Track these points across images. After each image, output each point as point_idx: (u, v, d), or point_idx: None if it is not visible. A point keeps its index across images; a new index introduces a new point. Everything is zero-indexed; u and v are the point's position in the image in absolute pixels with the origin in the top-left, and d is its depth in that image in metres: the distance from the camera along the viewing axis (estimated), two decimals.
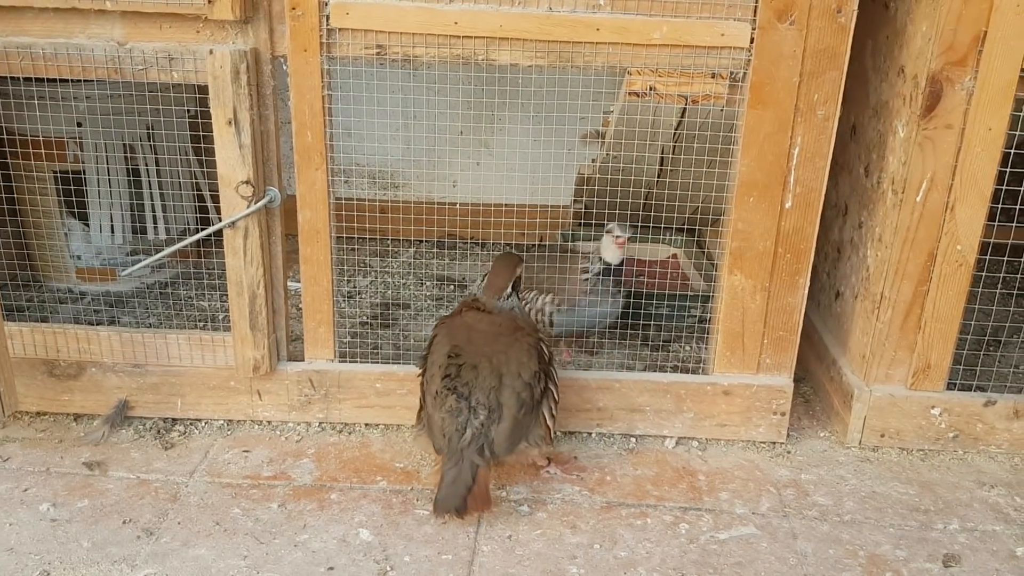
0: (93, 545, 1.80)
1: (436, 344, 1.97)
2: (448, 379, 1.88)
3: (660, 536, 1.88)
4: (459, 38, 1.87)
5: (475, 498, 1.81)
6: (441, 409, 1.86)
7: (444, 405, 1.85)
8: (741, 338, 2.08)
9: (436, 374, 1.90)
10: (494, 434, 1.84)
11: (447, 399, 1.86)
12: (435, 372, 1.91)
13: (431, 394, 1.90)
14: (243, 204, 1.95)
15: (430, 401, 1.90)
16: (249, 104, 1.87)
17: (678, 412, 2.14)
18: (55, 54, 1.87)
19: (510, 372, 1.88)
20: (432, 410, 1.89)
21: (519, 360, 1.90)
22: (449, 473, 1.82)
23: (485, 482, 1.83)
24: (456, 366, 1.89)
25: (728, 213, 2.01)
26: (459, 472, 1.82)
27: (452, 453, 1.83)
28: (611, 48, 1.88)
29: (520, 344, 1.92)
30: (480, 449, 1.83)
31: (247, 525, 1.87)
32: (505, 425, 1.84)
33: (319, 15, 1.85)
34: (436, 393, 1.88)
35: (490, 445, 1.83)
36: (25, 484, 1.97)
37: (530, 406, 1.88)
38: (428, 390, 1.92)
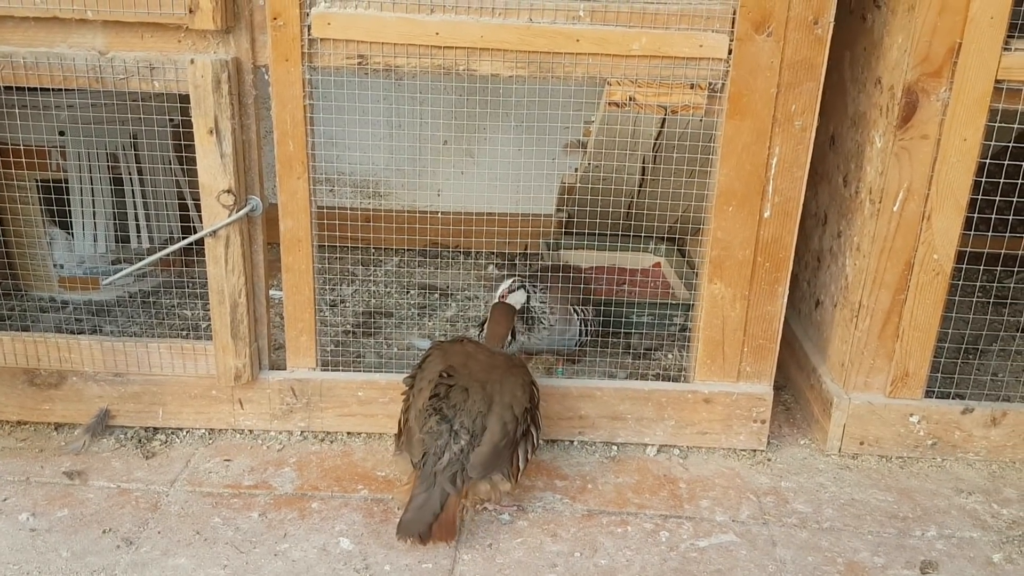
0: (72, 555, 1.79)
1: (429, 362, 1.94)
2: (436, 399, 1.85)
3: (640, 544, 1.89)
4: (440, 48, 1.88)
5: (441, 526, 1.78)
6: (422, 429, 1.83)
7: (426, 424, 1.83)
8: (721, 346, 2.10)
9: (425, 389, 1.87)
10: (472, 458, 1.80)
11: (430, 419, 1.83)
12: (424, 387, 1.88)
13: (416, 408, 1.87)
14: (224, 213, 1.95)
15: (413, 415, 1.87)
16: (231, 113, 1.88)
17: (659, 420, 2.15)
18: (36, 63, 1.87)
19: (502, 402, 1.86)
20: (414, 424, 1.86)
21: (513, 393, 1.88)
22: (419, 497, 1.79)
23: (453, 511, 1.79)
24: (446, 386, 1.86)
25: (708, 222, 2.03)
26: (428, 497, 1.78)
27: (425, 476, 1.79)
28: (591, 59, 1.89)
29: (516, 379, 1.91)
30: (453, 477, 1.79)
31: (227, 534, 1.87)
32: (484, 450, 1.81)
33: (300, 25, 1.85)
34: (421, 409, 1.85)
35: (464, 470, 1.80)
36: (4, 494, 1.96)
37: (511, 440, 1.85)
38: (414, 404, 1.88)
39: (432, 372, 1.90)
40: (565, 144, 2.65)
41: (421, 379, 1.92)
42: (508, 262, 3.13)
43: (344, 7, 1.86)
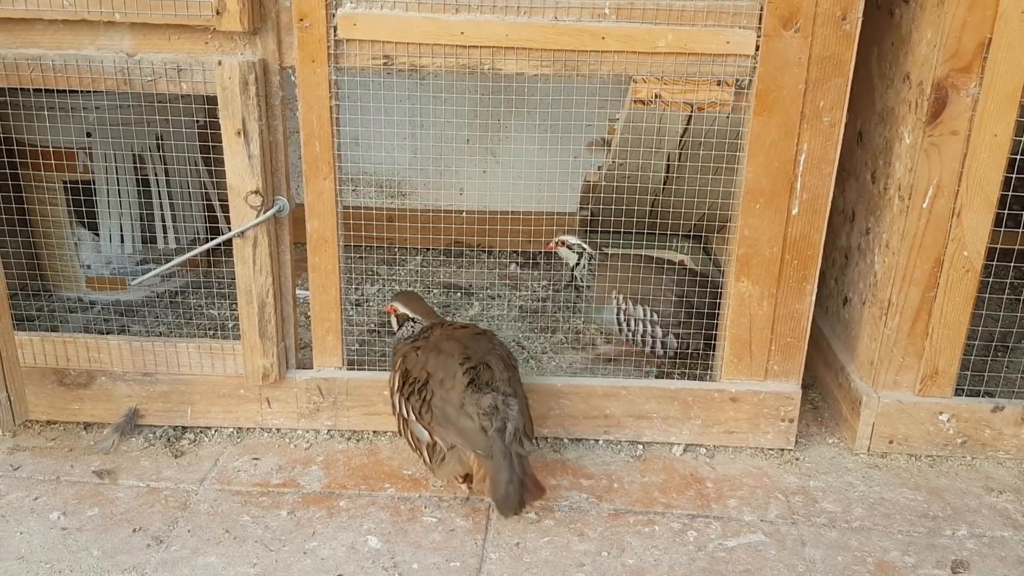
0: (103, 553, 1.81)
1: (430, 360, 1.94)
2: (475, 383, 1.89)
3: (668, 543, 1.88)
4: (465, 48, 1.88)
5: (529, 490, 1.83)
6: (477, 412, 1.85)
7: (480, 408, 1.85)
8: (748, 345, 2.08)
9: (457, 384, 1.88)
10: (523, 421, 1.88)
11: (482, 400, 1.86)
12: (453, 383, 1.89)
13: (453, 404, 1.87)
14: (252, 214, 1.96)
15: (452, 412, 1.87)
16: (258, 115, 1.89)
17: (685, 419, 2.14)
18: (64, 65, 1.89)
19: (508, 365, 1.96)
20: (456, 413, 1.86)
21: (502, 354, 1.99)
22: (503, 473, 1.81)
23: (531, 469, 1.85)
24: (472, 368, 1.91)
25: (734, 220, 2.01)
26: (511, 470, 1.81)
27: (502, 454, 1.82)
28: (616, 56, 1.88)
29: (490, 340, 2.02)
30: (520, 441, 1.85)
31: (256, 532, 1.88)
32: (524, 409, 1.90)
33: (327, 26, 1.86)
34: (461, 396, 1.86)
35: (523, 432, 1.87)
36: (35, 493, 1.98)
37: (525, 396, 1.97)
38: (448, 400, 1.88)
39: (447, 366, 1.91)
40: (589, 142, 2.64)
41: (438, 378, 1.90)
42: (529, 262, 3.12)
43: (370, 8, 1.86)
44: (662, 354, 2.34)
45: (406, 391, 1.94)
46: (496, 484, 1.81)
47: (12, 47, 1.90)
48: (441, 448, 1.90)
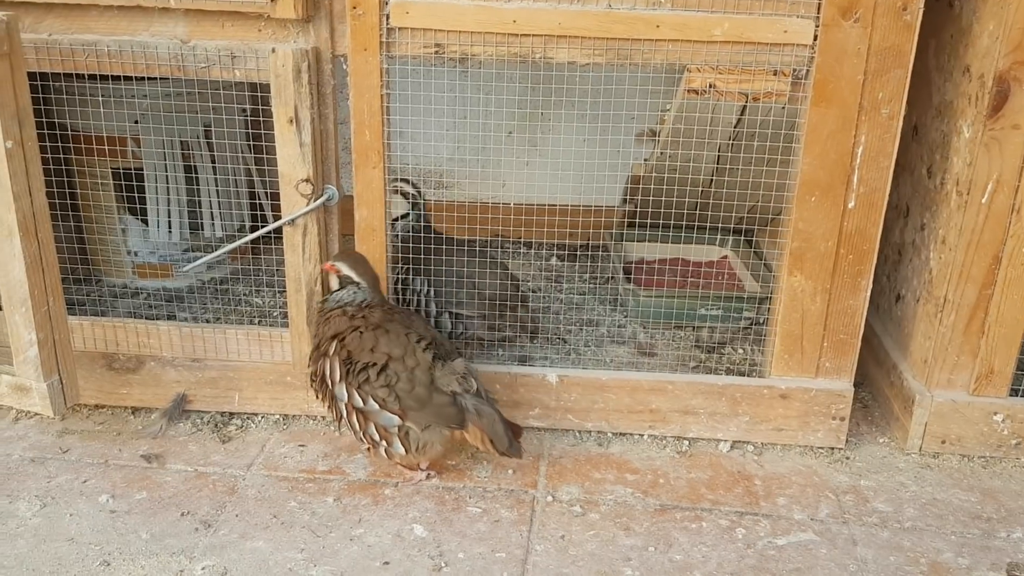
0: (152, 537, 1.82)
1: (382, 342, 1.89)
2: (438, 358, 1.90)
3: (716, 540, 1.85)
4: (517, 36, 1.87)
5: (517, 433, 1.95)
6: (454, 380, 1.88)
7: (456, 372, 1.89)
8: (800, 341, 2.05)
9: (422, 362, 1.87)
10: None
11: (455, 366, 1.90)
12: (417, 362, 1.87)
13: (423, 383, 1.86)
14: (303, 202, 1.97)
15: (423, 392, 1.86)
16: (310, 103, 1.89)
17: (733, 415, 2.11)
18: (119, 51, 1.90)
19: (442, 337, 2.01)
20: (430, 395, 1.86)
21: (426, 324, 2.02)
22: (497, 425, 1.89)
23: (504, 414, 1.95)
24: (430, 345, 1.91)
25: (788, 213, 1.98)
26: (503, 420, 1.90)
27: (489, 405, 1.90)
28: (671, 45, 1.86)
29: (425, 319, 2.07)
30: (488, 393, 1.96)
31: (304, 518, 1.88)
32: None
33: (379, 14, 1.85)
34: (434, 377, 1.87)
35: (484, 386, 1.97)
36: (84, 476, 2.00)
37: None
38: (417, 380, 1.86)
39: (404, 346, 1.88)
40: (639, 133, 2.61)
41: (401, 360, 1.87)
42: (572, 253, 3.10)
43: None
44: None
45: (355, 379, 1.87)
46: (499, 437, 1.89)
47: (68, 33, 1.92)
48: (414, 432, 1.88)
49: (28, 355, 1.81)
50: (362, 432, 1.92)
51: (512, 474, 2.04)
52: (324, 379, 1.93)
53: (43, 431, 2.14)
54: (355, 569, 1.75)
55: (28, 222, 1.73)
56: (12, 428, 2.15)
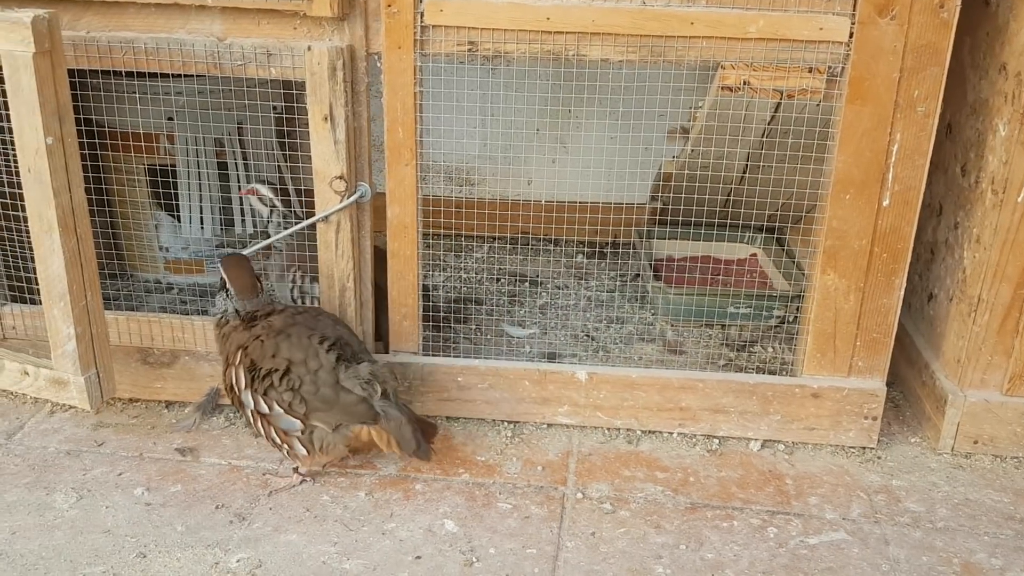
0: (187, 529, 1.84)
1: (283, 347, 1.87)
2: (343, 360, 1.88)
3: (748, 539, 1.85)
4: (550, 34, 1.87)
5: (428, 433, 1.95)
6: (359, 383, 1.86)
7: (360, 377, 1.87)
8: (833, 339, 2.04)
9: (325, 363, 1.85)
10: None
11: (360, 370, 1.88)
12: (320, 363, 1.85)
13: (328, 384, 1.85)
14: (336, 199, 1.98)
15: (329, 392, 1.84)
16: (344, 100, 1.90)
17: (764, 414, 2.11)
18: (156, 49, 1.92)
19: (358, 339, 2.02)
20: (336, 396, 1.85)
21: (349, 329, 2.02)
22: (405, 428, 1.88)
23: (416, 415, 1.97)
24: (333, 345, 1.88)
25: (822, 211, 1.97)
26: (412, 423, 1.89)
27: (397, 409, 1.89)
28: (705, 42, 1.86)
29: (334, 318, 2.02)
30: (396, 394, 1.93)
31: (336, 512, 1.90)
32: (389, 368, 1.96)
33: (414, 12, 1.86)
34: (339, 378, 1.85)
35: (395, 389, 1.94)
36: (120, 468, 2.02)
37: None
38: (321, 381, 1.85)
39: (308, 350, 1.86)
40: (669, 130, 2.61)
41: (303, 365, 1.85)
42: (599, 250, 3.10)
43: None
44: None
45: (260, 385, 1.86)
46: (405, 440, 1.88)
47: (105, 30, 1.94)
48: (322, 432, 1.88)
49: (66, 349, 1.84)
50: (266, 436, 1.91)
51: (541, 471, 2.05)
52: (232, 388, 1.93)
53: (78, 424, 2.17)
54: (388, 563, 1.76)
55: (67, 218, 1.75)
56: (48, 421, 2.18)
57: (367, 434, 1.88)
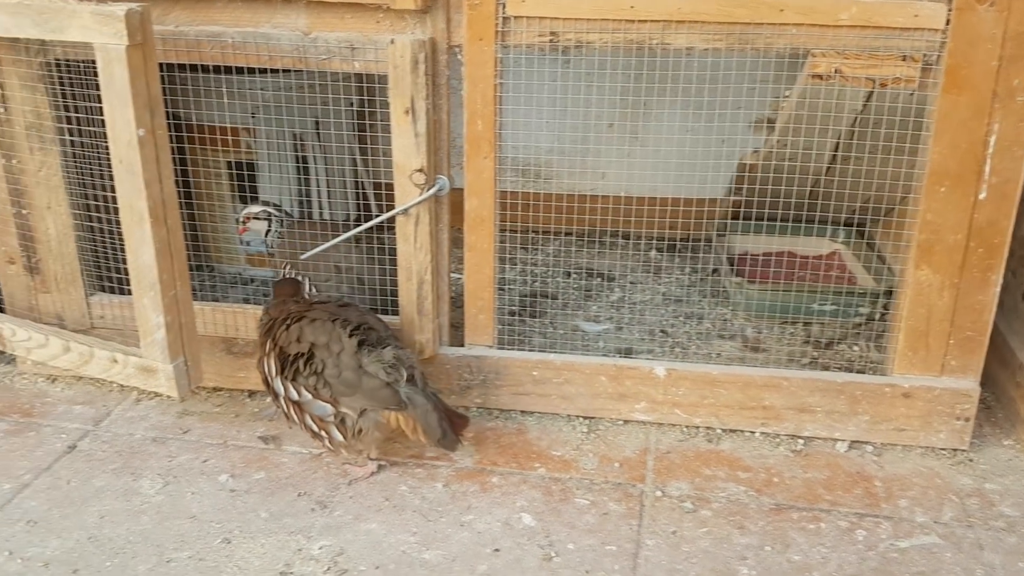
0: (270, 516, 1.87)
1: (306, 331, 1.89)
2: (367, 343, 1.88)
3: (836, 541, 1.80)
4: (634, 22, 1.84)
5: (455, 424, 1.93)
6: (382, 368, 1.85)
7: (384, 362, 1.86)
8: (925, 337, 1.97)
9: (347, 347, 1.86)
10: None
11: (383, 354, 1.87)
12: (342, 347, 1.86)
13: (350, 368, 1.85)
14: (416, 192, 1.99)
15: (351, 376, 1.85)
16: (425, 94, 1.90)
17: (852, 414, 2.04)
18: (243, 43, 1.95)
19: (384, 324, 2.01)
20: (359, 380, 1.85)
21: (376, 316, 2.03)
22: (431, 416, 1.87)
23: (447, 405, 1.96)
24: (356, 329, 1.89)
25: (916, 204, 1.90)
26: (439, 410, 1.89)
27: (424, 396, 1.88)
28: (795, 29, 1.80)
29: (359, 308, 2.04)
30: (426, 382, 1.94)
31: (414, 503, 1.91)
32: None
33: (496, 3, 1.85)
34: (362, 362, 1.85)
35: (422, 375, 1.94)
36: (204, 455, 2.07)
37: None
38: (344, 365, 1.85)
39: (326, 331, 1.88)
40: (752, 121, 2.55)
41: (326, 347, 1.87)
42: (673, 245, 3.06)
43: None
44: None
45: (289, 372, 1.88)
46: (430, 428, 1.87)
47: (193, 24, 1.98)
48: (351, 418, 1.87)
49: (155, 337, 1.88)
50: (301, 425, 1.92)
51: (619, 467, 2.03)
52: (266, 379, 1.95)
53: (164, 412, 2.23)
54: (466, 555, 1.76)
55: (158, 208, 1.79)
56: (134, 409, 2.24)
57: (395, 420, 1.89)
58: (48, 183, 2.11)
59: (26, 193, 2.14)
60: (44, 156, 2.08)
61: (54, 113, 2.05)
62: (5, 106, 2.05)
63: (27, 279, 2.23)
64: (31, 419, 2.19)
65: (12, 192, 2.14)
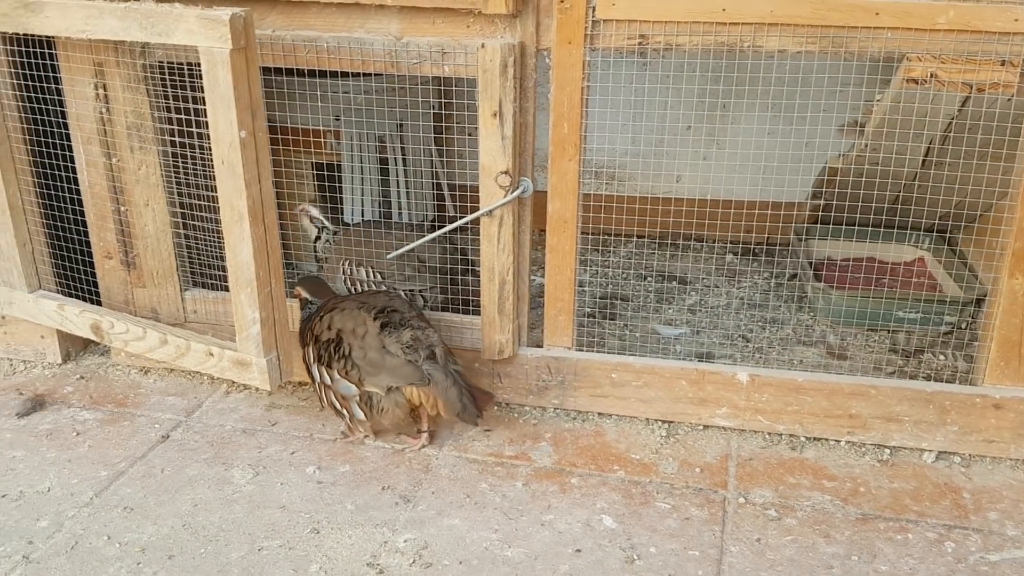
0: (356, 508, 1.92)
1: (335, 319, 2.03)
2: (389, 325, 1.99)
3: (924, 553, 1.76)
4: (725, 25, 1.84)
5: (479, 399, 2.02)
6: (401, 347, 1.97)
7: (402, 342, 1.98)
8: (1018, 347, 1.92)
9: (371, 330, 1.99)
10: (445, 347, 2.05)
11: (402, 335, 1.99)
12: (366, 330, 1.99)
13: (374, 348, 1.98)
14: (500, 193, 2.01)
15: (375, 356, 1.98)
16: (513, 97, 1.93)
17: (940, 424, 2.00)
18: (338, 47, 2.00)
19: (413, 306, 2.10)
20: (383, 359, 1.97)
21: (404, 301, 2.11)
22: (451, 391, 1.96)
23: (471, 382, 2.06)
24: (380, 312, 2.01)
25: (1012, 210, 1.85)
26: (458, 385, 1.98)
27: (443, 373, 1.98)
28: (890, 33, 1.78)
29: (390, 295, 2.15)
30: (449, 358, 2.03)
31: (495, 500, 1.93)
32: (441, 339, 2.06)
33: (586, 7, 1.87)
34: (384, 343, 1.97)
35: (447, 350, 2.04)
36: (292, 448, 2.12)
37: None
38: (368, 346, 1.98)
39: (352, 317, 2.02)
40: (844, 124, 2.51)
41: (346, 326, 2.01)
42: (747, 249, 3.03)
43: None
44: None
45: (324, 357, 2.02)
46: (450, 401, 1.96)
47: (289, 29, 2.04)
48: (378, 396, 1.99)
49: (250, 332, 1.94)
50: (327, 403, 2.07)
51: (699, 472, 2.02)
52: (308, 368, 2.09)
53: (252, 404, 2.29)
54: (548, 554, 1.78)
55: (257, 208, 1.85)
56: (224, 401, 2.32)
57: (417, 396, 1.99)
58: (147, 181, 2.19)
59: (125, 191, 2.22)
60: (144, 155, 2.17)
61: (154, 114, 2.13)
62: (108, 106, 2.14)
63: (124, 273, 2.32)
64: (125, 409, 2.28)
65: (112, 189, 2.23)
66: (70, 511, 1.90)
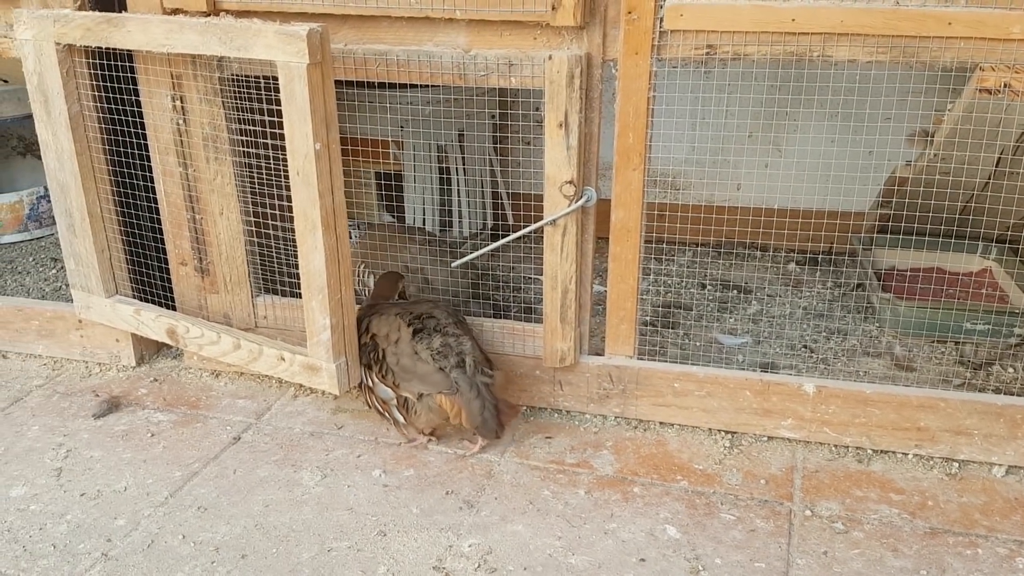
0: (421, 512, 1.95)
1: (373, 323, 2.10)
2: (422, 332, 2.04)
3: (994, 569, 1.73)
4: (794, 35, 1.83)
5: (503, 413, 2.03)
6: (430, 354, 2.02)
7: (432, 348, 2.02)
8: None
9: (404, 335, 2.05)
10: (479, 354, 2.06)
11: (432, 341, 2.03)
12: (399, 335, 2.05)
13: (407, 354, 2.03)
14: (564, 203, 2.03)
15: (407, 362, 2.03)
16: (579, 107, 1.95)
17: (1011, 438, 1.96)
18: (407, 60, 2.04)
19: (452, 313, 2.13)
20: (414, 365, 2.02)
21: (445, 309, 2.14)
22: (474, 403, 1.99)
23: (500, 395, 2.06)
24: (415, 319, 2.07)
25: None
26: (482, 398, 2.00)
27: (468, 384, 2.00)
28: (963, 43, 1.76)
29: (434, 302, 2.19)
30: (481, 371, 2.03)
31: (558, 508, 1.95)
32: (477, 345, 2.08)
33: (654, 18, 1.88)
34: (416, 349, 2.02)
35: (484, 363, 2.05)
36: (358, 451, 2.17)
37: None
38: (401, 352, 2.04)
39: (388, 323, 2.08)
40: (915, 133, 2.49)
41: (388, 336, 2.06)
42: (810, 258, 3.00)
43: None
44: None
45: (364, 360, 2.08)
46: (471, 413, 1.99)
47: (360, 43, 2.08)
48: (412, 401, 2.05)
49: (321, 338, 1.99)
50: (371, 405, 2.13)
51: (764, 484, 2.01)
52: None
53: (319, 408, 2.35)
54: (612, 562, 1.79)
55: (329, 217, 1.90)
56: (292, 404, 2.37)
57: (444, 401, 2.02)
58: (222, 191, 2.26)
59: (200, 200, 2.30)
60: (219, 165, 2.24)
61: (229, 125, 2.20)
62: (185, 118, 2.21)
63: (197, 280, 2.40)
64: (198, 411, 2.35)
65: (187, 199, 2.30)
66: (146, 510, 1.97)
